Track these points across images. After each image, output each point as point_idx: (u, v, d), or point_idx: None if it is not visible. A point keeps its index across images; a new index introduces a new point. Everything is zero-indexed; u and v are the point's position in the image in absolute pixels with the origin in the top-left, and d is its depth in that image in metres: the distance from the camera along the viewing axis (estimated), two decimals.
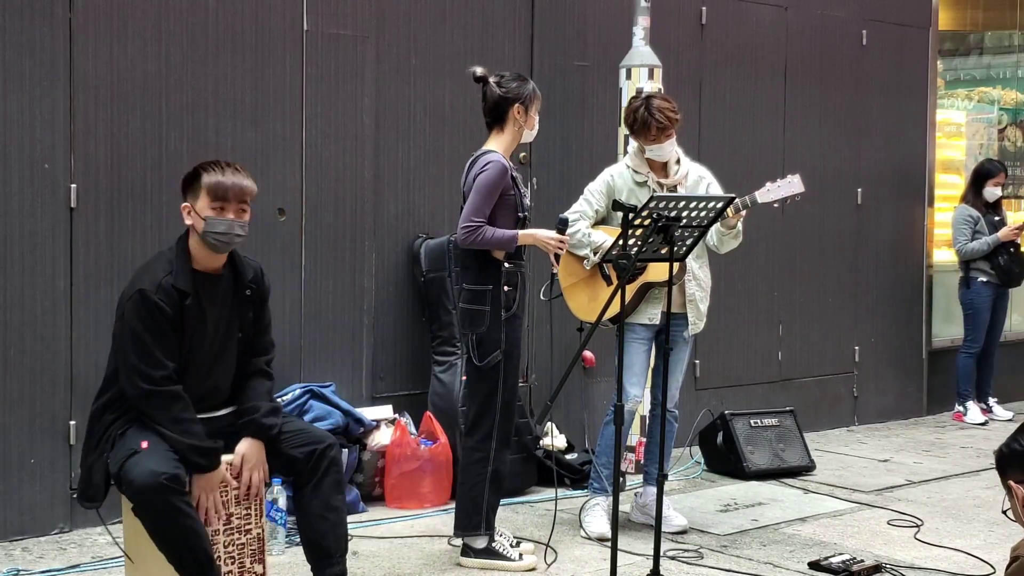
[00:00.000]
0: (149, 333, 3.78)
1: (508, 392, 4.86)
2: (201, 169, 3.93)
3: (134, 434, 3.80)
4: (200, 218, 3.88)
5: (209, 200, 3.88)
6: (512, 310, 4.82)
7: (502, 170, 4.74)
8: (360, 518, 5.50)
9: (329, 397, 5.69)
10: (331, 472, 4.03)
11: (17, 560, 4.87)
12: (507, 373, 4.84)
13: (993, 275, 8.41)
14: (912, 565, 5.01)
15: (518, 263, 4.86)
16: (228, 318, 4.01)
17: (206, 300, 3.93)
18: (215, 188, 3.88)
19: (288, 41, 5.80)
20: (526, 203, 4.89)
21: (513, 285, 4.82)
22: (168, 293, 3.82)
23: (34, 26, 5.09)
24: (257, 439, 3.98)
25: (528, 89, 4.90)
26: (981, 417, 8.46)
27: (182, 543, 3.72)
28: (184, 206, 3.91)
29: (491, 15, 6.51)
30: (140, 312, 3.79)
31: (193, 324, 3.89)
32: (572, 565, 4.95)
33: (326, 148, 5.93)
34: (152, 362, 3.78)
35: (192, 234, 3.93)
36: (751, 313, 7.71)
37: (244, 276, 4.04)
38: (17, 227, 5.08)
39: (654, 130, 5.21)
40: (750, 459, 6.61)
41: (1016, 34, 9.97)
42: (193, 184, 3.92)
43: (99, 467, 3.87)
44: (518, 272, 4.85)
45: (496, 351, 4.78)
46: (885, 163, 8.46)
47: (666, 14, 7.07)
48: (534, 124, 4.94)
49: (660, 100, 5.25)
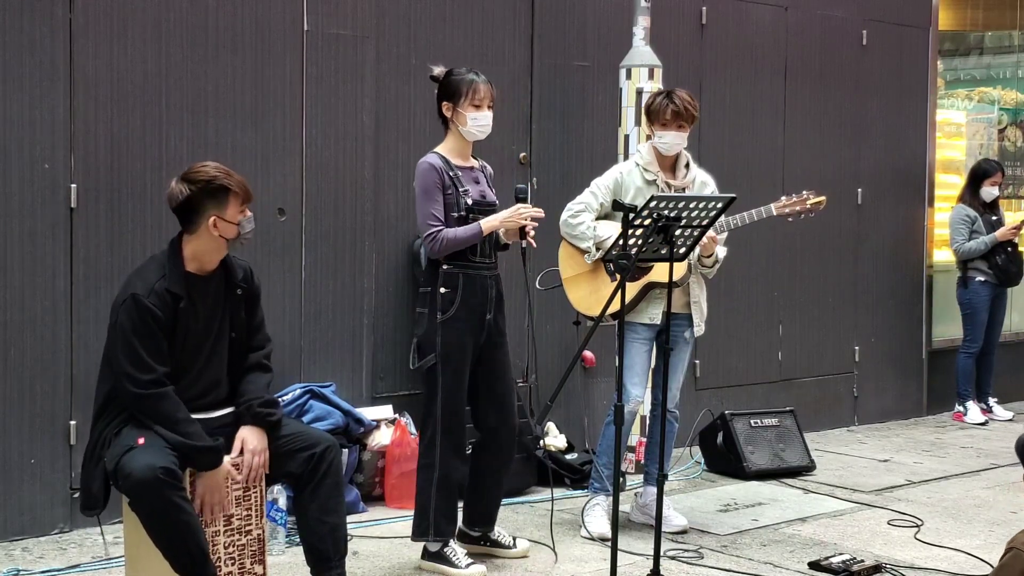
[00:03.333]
0: (139, 337, 3.81)
1: (450, 399, 4.69)
2: (217, 179, 3.93)
3: (130, 431, 3.83)
4: (233, 224, 3.95)
5: (239, 205, 3.96)
6: (450, 313, 4.66)
7: (425, 170, 4.66)
8: (360, 518, 5.50)
9: (329, 397, 5.70)
10: (330, 475, 4.02)
11: (17, 560, 4.87)
12: (446, 379, 4.67)
13: (991, 275, 8.41)
14: (912, 565, 5.01)
15: (463, 264, 4.68)
16: (220, 318, 4.04)
17: (199, 302, 3.96)
18: (245, 192, 3.98)
19: (288, 41, 5.80)
20: (466, 202, 4.68)
21: (452, 287, 4.66)
22: (161, 297, 3.85)
23: (34, 26, 5.09)
24: (257, 426, 3.99)
25: (456, 83, 4.70)
26: (981, 417, 8.46)
27: (176, 537, 3.73)
28: (211, 219, 3.92)
29: (491, 15, 6.51)
30: (132, 316, 3.82)
31: (186, 326, 3.92)
32: (572, 565, 4.95)
33: (326, 148, 5.93)
34: (141, 367, 3.81)
35: (195, 240, 3.96)
36: (751, 313, 7.71)
37: (234, 276, 4.08)
38: (17, 227, 5.08)
39: (669, 113, 5.22)
40: (750, 459, 6.61)
41: (1016, 34, 9.98)
42: (218, 195, 3.93)
43: (98, 474, 3.88)
44: (460, 274, 4.68)
45: (431, 354, 4.67)
46: (885, 163, 8.46)
47: (666, 14, 7.07)
48: (466, 120, 4.68)
49: (683, 92, 5.31)
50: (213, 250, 3.98)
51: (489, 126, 4.76)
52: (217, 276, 4.03)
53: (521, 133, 6.62)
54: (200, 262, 3.97)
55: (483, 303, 4.74)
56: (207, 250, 3.97)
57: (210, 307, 4.00)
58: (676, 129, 5.25)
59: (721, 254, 5.32)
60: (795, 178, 7.58)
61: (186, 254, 3.96)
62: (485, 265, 4.76)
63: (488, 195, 4.81)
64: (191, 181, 3.94)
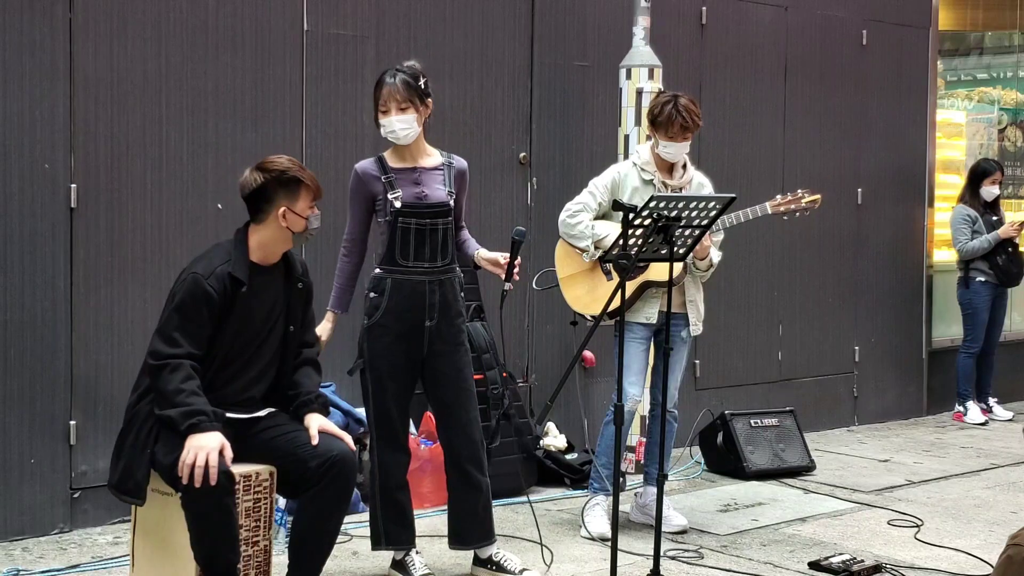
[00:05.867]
0: (181, 316, 3.81)
1: (379, 405, 4.54)
2: (290, 171, 3.95)
3: None
4: (302, 218, 3.97)
5: (310, 199, 3.99)
6: (375, 318, 4.49)
7: (351, 177, 4.55)
8: (360, 518, 5.50)
9: (329, 397, 5.68)
10: (335, 485, 3.94)
11: (17, 560, 4.87)
12: (373, 385, 4.53)
13: (992, 275, 8.41)
14: (912, 565, 5.01)
15: (391, 269, 4.49)
16: (279, 311, 4.05)
17: (260, 291, 3.97)
18: (317, 187, 4.01)
19: (288, 41, 5.80)
20: (394, 206, 4.44)
21: (379, 292, 4.49)
22: (222, 280, 3.86)
23: (34, 26, 5.09)
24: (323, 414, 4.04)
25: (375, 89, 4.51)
26: (981, 417, 8.46)
27: (219, 540, 3.73)
28: (281, 210, 3.93)
29: (491, 15, 6.51)
30: (184, 295, 3.83)
31: (244, 314, 3.92)
32: (572, 565, 4.95)
33: (326, 148, 5.93)
34: (170, 342, 3.80)
35: (262, 230, 3.97)
36: (751, 313, 7.71)
37: (295, 270, 4.10)
38: (17, 227, 5.09)
39: (677, 127, 5.21)
40: (750, 459, 6.61)
41: (1016, 34, 9.98)
42: (290, 186, 3.95)
43: (142, 462, 3.81)
44: (388, 279, 4.49)
45: (358, 359, 4.56)
46: (885, 163, 8.46)
47: (666, 14, 7.07)
48: (380, 127, 4.50)
49: (688, 101, 5.26)
50: (279, 241, 3.99)
51: (397, 131, 4.45)
52: (279, 268, 4.06)
53: (521, 133, 6.62)
54: (265, 252, 3.99)
55: (418, 309, 4.50)
56: (273, 241, 3.98)
57: (271, 298, 4.02)
58: (682, 140, 5.26)
59: (716, 258, 5.32)
60: (795, 178, 7.58)
61: (252, 243, 3.97)
62: (421, 270, 4.50)
63: (431, 195, 4.51)
64: (265, 170, 3.96)
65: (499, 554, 4.74)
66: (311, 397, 4.07)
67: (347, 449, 3.98)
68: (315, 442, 3.93)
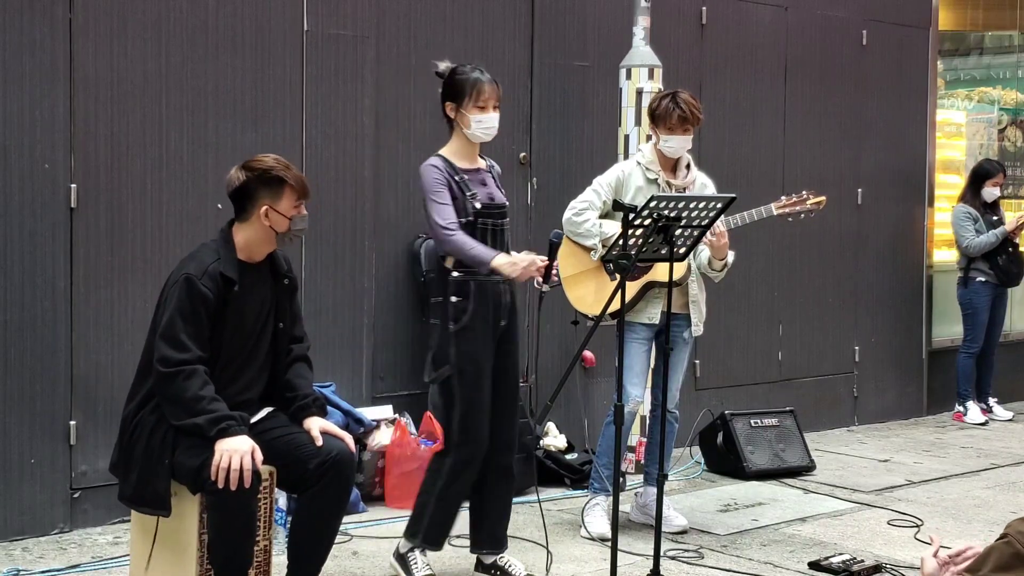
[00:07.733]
0: (183, 318, 3.78)
1: (468, 412, 4.46)
2: (274, 170, 3.92)
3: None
4: (285, 217, 3.93)
5: (294, 199, 3.95)
6: (463, 322, 4.45)
7: (429, 171, 4.47)
8: (360, 518, 5.50)
9: (329, 397, 5.69)
10: (334, 485, 3.94)
11: (17, 560, 4.87)
12: (464, 391, 4.45)
13: (992, 275, 8.41)
14: (912, 565, 5.01)
15: (474, 272, 4.45)
16: (268, 309, 4.03)
17: (249, 289, 3.95)
18: (302, 187, 3.97)
19: (288, 41, 5.80)
20: (474, 206, 4.46)
21: (463, 296, 4.45)
22: (215, 279, 3.83)
23: (34, 26, 5.09)
24: (322, 416, 4.03)
25: (460, 83, 4.47)
26: (981, 417, 8.46)
27: (238, 539, 3.74)
28: (264, 209, 3.91)
29: (491, 15, 6.51)
30: (181, 297, 3.79)
31: (236, 313, 3.91)
32: (572, 565, 4.95)
33: (326, 148, 5.93)
34: (178, 346, 3.76)
35: (246, 228, 3.95)
36: (751, 313, 7.71)
37: (281, 267, 4.08)
38: (17, 227, 5.08)
39: (675, 118, 5.21)
40: (750, 459, 6.61)
41: (1016, 34, 9.97)
42: (273, 185, 3.92)
43: (160, 472, 3.76)
44: (471, 282, 4.46)
45: (444, 366, 4.47)
46: (885, 163, 8.46)
47: (666, 14, 7.07)
48: (470, 123, 4.46)
49: (687, 95, 5.29)
50: (263, 241, 3.97)
51: (495, 128, 4.54)
52: (265, 266, 4.04)
53: (521, 133, 6.62)
54: (249, 251, 3.97)
55: (497, 310, 4.54)
56: (257, 240, 3.95)
57: (260, 296, 4.00)
58: (682, 133, 5.26)
59: (730, 258, 5.31)
60: (795, 178, 7.58)
61: (237, 242, 3.95)
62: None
63: (497, 196, 4.59)
64: (249, 169, 3.94)
65: (503, 558, 4.73)
66: (308, 401, 4.06)
67: (346, 449, 3.97)
68: (319, 443, 3.93)
